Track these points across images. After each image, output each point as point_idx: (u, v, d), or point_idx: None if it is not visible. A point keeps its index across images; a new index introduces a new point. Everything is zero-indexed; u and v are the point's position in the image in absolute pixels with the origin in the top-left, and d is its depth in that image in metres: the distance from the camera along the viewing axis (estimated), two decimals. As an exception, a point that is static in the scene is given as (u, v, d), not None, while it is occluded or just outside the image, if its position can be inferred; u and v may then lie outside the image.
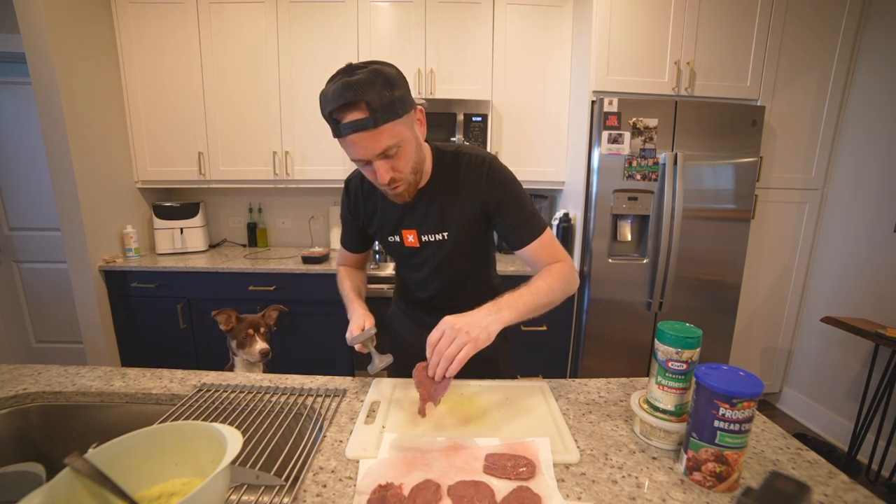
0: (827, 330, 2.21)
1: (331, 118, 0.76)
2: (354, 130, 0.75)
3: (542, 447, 0.73)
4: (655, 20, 2.07)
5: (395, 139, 0.78)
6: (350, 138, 0.76)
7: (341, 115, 0.75)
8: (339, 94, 0.73)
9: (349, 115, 0.74)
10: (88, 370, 1.03)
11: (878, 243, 2.06)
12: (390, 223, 1.01)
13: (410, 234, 1.00)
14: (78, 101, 2.10)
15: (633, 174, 2.06)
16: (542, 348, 2.31)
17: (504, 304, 0.82)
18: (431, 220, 0.97)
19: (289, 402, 0.90)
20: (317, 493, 0.65)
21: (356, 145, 0.77)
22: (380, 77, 0.75)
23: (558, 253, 0.97)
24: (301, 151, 2.45)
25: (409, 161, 0.84)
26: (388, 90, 0.75)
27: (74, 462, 0.52)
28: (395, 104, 0.76)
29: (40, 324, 2.77)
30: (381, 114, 0.74)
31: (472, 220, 0.96)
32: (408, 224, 0.99)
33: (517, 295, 0.85)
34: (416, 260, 1.04)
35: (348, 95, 0.72)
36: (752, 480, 0.68)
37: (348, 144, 0.78)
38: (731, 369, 0.67)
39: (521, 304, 0.83)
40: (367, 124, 0.74)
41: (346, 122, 0.75)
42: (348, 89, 0.73)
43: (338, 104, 0.73)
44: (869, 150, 2.12)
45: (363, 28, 2.31)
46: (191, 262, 2.31)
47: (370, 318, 0.95)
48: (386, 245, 1.06)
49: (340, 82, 0.74)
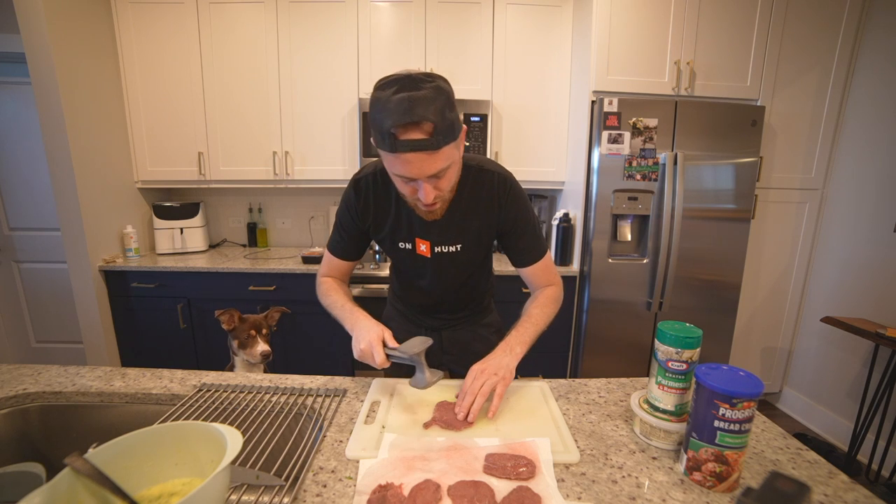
0: (827, 330, 2.21)
1: (388, 132, 0.71)
2: (413, 150, 0.71)
3: (543, 447, 0.73)
4: (655, 20, 2.07)
5: (448, 161, 0.76)
6: (406, 156, 0.72)
7: (403, 131, 0.70)
8: (405, 109, 0.68)
9: (411, 134, 0.70)
10: (88, 370, 1.03)
11: (878, 243, 2.06)
12: (404, 230, 0.97)
13: (423, 244, 0.97)
14: (78, 101, 2.10)
15: (633, 174, 2.06)
16: (542, 348, 2.29)
17: (515, 342, 0.91)
18: (449, 233, 0.96)
19: (289, 402, 0.90)
20: (317, 493, 0.65)
21: (410, 164, 0.74)
22: (443, 96, 0.71)
23: (553, 276, 1.05)
24: (301, 151, 2.45)
25: (452, 181, 0.84)
26: (450, 111, 0.73)
27: (74, 462, 0.52)
28: (454, 126, 0.75)
29: (40, 324, 2.77)
30: (442, 136, 0.72)
31: (487, 235, 0.99)
32: (423, 234, 0.97)
33: (522, 331, 0.94)
34: (424, 268, 1.03)
35: (416, 114, 0.68)
36: (752, 480, 0.68)
37: (401, 161, 0.74)
38: (731, 369, 0.67)
39: (528, 338, 0.93)
40: (430, 146, 0.71)
41: (405, 139, 0.70)
42: (416, 106, 0.68)
43: (402, 121, 0.69)
44: (869, 150, 2.12)
45: (363, 28, 2.31)
46: (191, 262, 2.31)
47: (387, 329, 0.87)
48: (393, 251, 1.02)
49: (406, 97, 0.69)
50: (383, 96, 0.71)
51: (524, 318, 0.97)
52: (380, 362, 0.82)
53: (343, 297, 1.00)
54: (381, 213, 0.98)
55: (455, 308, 1.14)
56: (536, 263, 1.02)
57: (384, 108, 0.71)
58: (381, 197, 0.96)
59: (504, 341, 0.92)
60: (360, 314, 0.93)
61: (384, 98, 0.71)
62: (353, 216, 0.99)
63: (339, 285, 1.05)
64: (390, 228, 0.98)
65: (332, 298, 1.01)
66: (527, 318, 0.97)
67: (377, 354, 0.82)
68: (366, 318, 0.92)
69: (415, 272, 1.06)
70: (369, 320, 0.91)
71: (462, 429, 0.79)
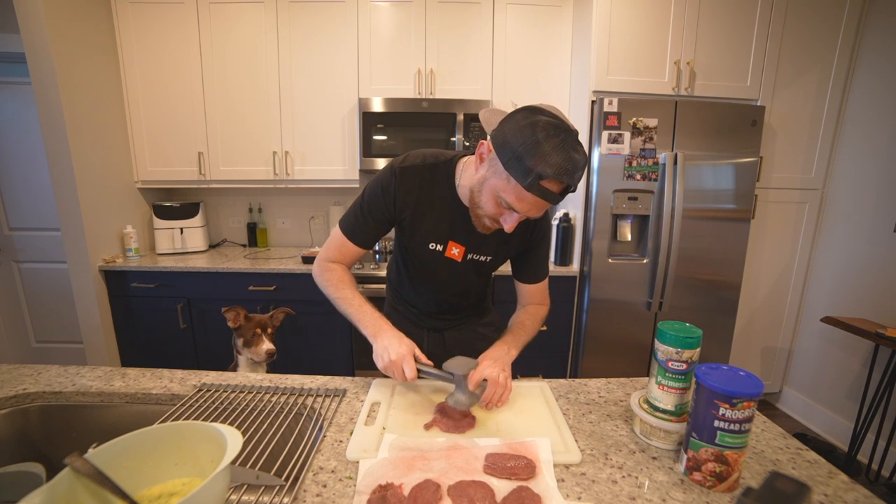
0: (827, 330, 2.21)
1: (536, 174, 0.72)
2: (544, 198, 0.74)
3: (543, 447, 0.73)
4: (655, 20, 2.07)
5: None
6: (531, 199, 0.75)
7: (549, 183, 0.73)
8: (567, 172, 0.72)
9: (553, 187, 0.73)
10: (88, 370, 1.03)
11: (878, 243, 2.06)
12: (440, 231, 0.96)
13: (456, 248, 0.98)
14: (78, 101, 2.10)
15: (633, 174, 2.06)
16: (542, 348, 2.31)
17: (511, 344, 0.96)
18: (488, 244, 0.98)
19: (289, 402, 0.90)
20: (317, 493, 0.65)
21: (532, 207, 0.77)
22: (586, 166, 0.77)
23: (546, 297, 1.12)
24: (301, 151, 2.45)
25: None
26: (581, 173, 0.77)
27: (74, 462, 0.52)
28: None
29: (40, 324, 2.77)
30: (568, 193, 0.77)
31: (515, 250, 1.04)
32: (460, 238, 0.97)
33: (517, 336, 1.00)
34: (443, 271, 1.02)
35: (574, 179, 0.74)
36: (752, 480, 0.68)
37: (525, 199, 0.76)
38: (731, 369, 0.67)
39: (520, 343, 0.99)
40: (556, 200, 0.76)
41: (548, 188, 0.73)
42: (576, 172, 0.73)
43: (558, 178, 0.72)
44: (869, 150, 2.12)
45: (363, 28, 2.31)
46: (191, 262, 2.31)
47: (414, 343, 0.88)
48: (419, 249, 0.99)
49: (570, 158, 0.72)
50: (542, 138, 0.71)
51: (518, 326, 1.03)
52: (411, 378, 0.82)
53: (359, 295, 0.97)
54: (422, 209, 0.95)
55: (458, 309, 1.15)
56: (538, 283, 1.08)
57: (545, 154, 0.71)
58: (427, 192, 0.94)
59: (501, 340, 0.97)
60: (384, 323, 0.91)
61: (542, 141, 0.71)
62: (387, 203, 0.94)
63: (350, 278, 1.01)
64: (427, 226, 0.96)
65: (345, 293, 0.97)
66: (520, 327, 1.03)
67: (409, 370, 0.82)
68: (391, 329, 0.90)
69: (433, 274, 1.04)
70: (395, 331, 0.89)
71: (465, 431, 0.79)
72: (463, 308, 1.16)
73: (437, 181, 0.93)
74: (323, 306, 2.29)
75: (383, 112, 2.31)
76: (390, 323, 0.92)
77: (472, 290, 1.12)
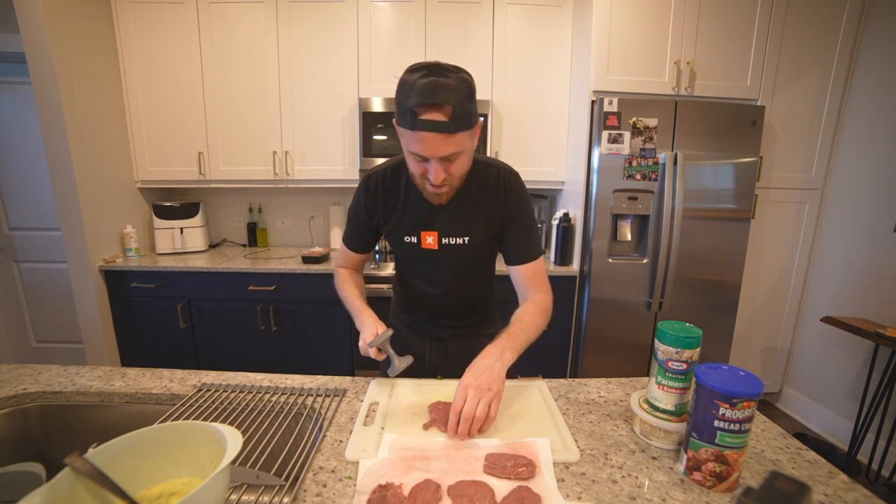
0: (827, 330, 2.21)
1: (410, 110, 0.77)
2: (430, 129, 0.77)
3: (542, 447, 0.73)
4: (655, 20, 2.07)
5: (460, 147, 0.82)
6: (423, 135, 0.78)
7: (424, 111, 0.77)
8: (429, 91, 0.75)
9: (431, 115, 0.77)
10: (88, 370, 1.03)
11: (878, 243, 2.06)
12: (409, 223, 1.01)
13: (430, 236, 1.01)
14: (78, 101, 2.10)
15: (633, 174, 2.06)
16: (542, 348, 2.30)
17: (505, 346, 0.87)
18: (455, 224, 0.99)
19: (289, 402, 0.90)
20: (317, 493, 0.65)
21: (426, 143, 0.79)
22: (466, 87, 0.79)
23: (544, 283, 1.03)
24: (301, 151, 2.45)
25: (462, 169, 0.89)
26: (470, 102, 0.80)
27: (74, 462, 0.52)
28: (471, 116, 0.81)
29: (40, 324, 2.77)
30: (459, 122, 0.78)
31: (492, 227, 1.01)
32: (429, 226, 1.00)
33: (514, 336, 0.90)
34: (429, 264, 1.04)
35: (439, 97, 0.75)
36: (752, 480, 0.68)
37: (417, 139, 0.79)
38: (731, 369, 0.67)
39: (518, 344, 0.89)
40: (446, 129, 0.77)
41: (425, 118, 0.77)
42: (440, 90, 0.75)
43: (425, 101, 0.75)
44: (869, 150, 2.12)
45: (363, 28, 2.31)
46: (191, 262, 2.31)
47: (381, 324, 0.95)
48: (399, 246, 1.05)
49: (432, 81, 0.75)
50: (410, 79, 0.78)
51: (515, 323, 0.94)
52: (373, 354, 0.90)
53: (353, 291, 1.07)
54: (390, 208, 1.02)
55: (460, 315, 1.14)
56: (528, 264, 1.01)
57: (410, 88, 0.77)
58: (389, 192, 1.02)
59: (493, 344, 0.88)
60: (365, 313, 0.98)
61: (411, 80, 0.77)
62: (363, 211, 1.04)
63: (352, 277, 1.12)
64: (397, 222, 1.02)
65: (344, 292, 1.08)
66: (518, 324, 0.94)
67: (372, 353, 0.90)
68: (369, 317, 0.97)
69: (421, 270, 1.07)
70: (370, 318, 0.96)
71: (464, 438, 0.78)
72: (464, 314, 1.14)
73: (397, 179, 1.01)
74: (323, 306, 2.32)
75: (383, 112, 2.31)
76: (371, 311, 0.99)
77: (468, 287, 1.10)
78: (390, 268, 2.33)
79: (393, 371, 0.90)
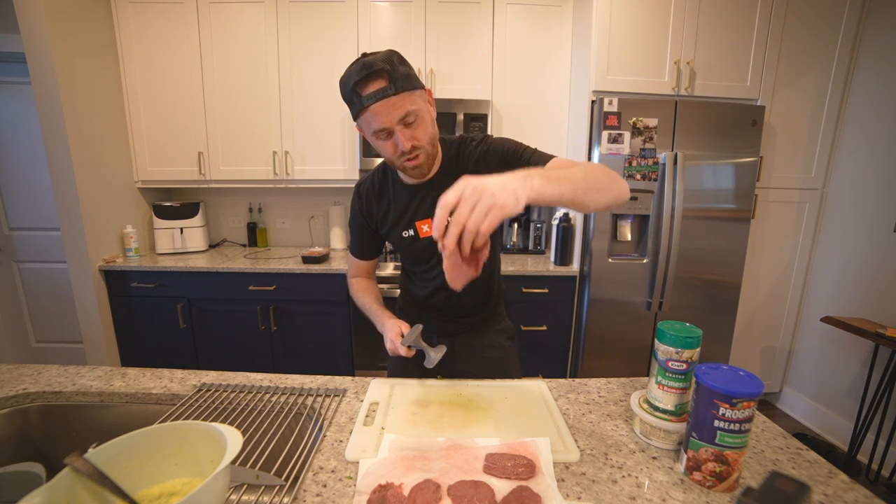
0: (827, 330, 2.21)
1: (353, 93, 0.80)
2: (377, 99, 0.79)
3: (542, 447, 0.73)
4: (655, 20, 2.07)
5: (413, 106, 0.83)
6: (373, 108, 0.80)
7: (363, 87, 0.79)
8: (360, 68, 0.79)
9: (371, 86, 0.79)
10: (88, 370, 1.03)
11: (878, 243, 2.06)
12: (404, 217, 1.02)
13: (426, 224, 1.01)
14: (78, 101, 2.10)
15: (633, 174, 2.06)
16: (542, 348, 2.31)
17: (533, 172, 0.63)
18: None
19: (289, 402, 0.90)
20: (317, 493, 0.65)
21: (379, 115, 0.81)
22: (395, 54, 0.83)
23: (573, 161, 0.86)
24: (301, 151, 2.45)
25: (426, 131, 0.89)
26: (403, 66, 0.83)
27: (74, 462, 0.52)
28: (410, 77, 0.83)
29: (40, 324, 2.77)
30: (400, 82, 0.80)
31: None
32: (422, 214, 1.01)
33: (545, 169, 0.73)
34: (432, 256, 1.04)
35: (372, 68, 0.78)
36: (752, 480, 0.68)
37: (371, 116, 0.81)
38: (731, 369, 0.67)
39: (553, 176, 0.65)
40: (388, 91, 0.79)
41: (368, 93, 0.79)
42: (369, 63, 0.79)
43: (360, 76, 0.78)
44: (869, 150, 2.12)
45: (363, 28, 2.31)
46: (191, 262, 2.31)
47: (403, 323, 0.98)
48: (399, 243, 1.06)
49: (360, 61, 0.80)
50: (346, 71, 0.82)
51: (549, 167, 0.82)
52: (404, 353, 0.93)
53: (371, 298, 1.10)
54: (383, 209, 1.05)
55: (468, 311, 1.13)
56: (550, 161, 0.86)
57: (346, 77, 0.81)
58: (380, 193, 1.05)
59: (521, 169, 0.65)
60: (384, 315, 1.03)
61: (346, 72, 0.82)
62: (361, 217, 1.08)
63: (367, 285, 1.15)
64: (393, 220, 1.04)
65: (362, 300, 1.11)
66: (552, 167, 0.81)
67: (402, 350, 0.93)
68: (388, 318, 1.01)
69: (424, 264, 1.08)
70: (391, 320, 1.01)
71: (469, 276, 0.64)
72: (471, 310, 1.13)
73: (384, 179, 1.05)
74: (323, 306, 2.32)
75: (383, 112, 2.31)
76: (390, 313, 1.04)
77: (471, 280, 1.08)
78: (390, 267, 2.33)
79: (430, 363, 0.92)
